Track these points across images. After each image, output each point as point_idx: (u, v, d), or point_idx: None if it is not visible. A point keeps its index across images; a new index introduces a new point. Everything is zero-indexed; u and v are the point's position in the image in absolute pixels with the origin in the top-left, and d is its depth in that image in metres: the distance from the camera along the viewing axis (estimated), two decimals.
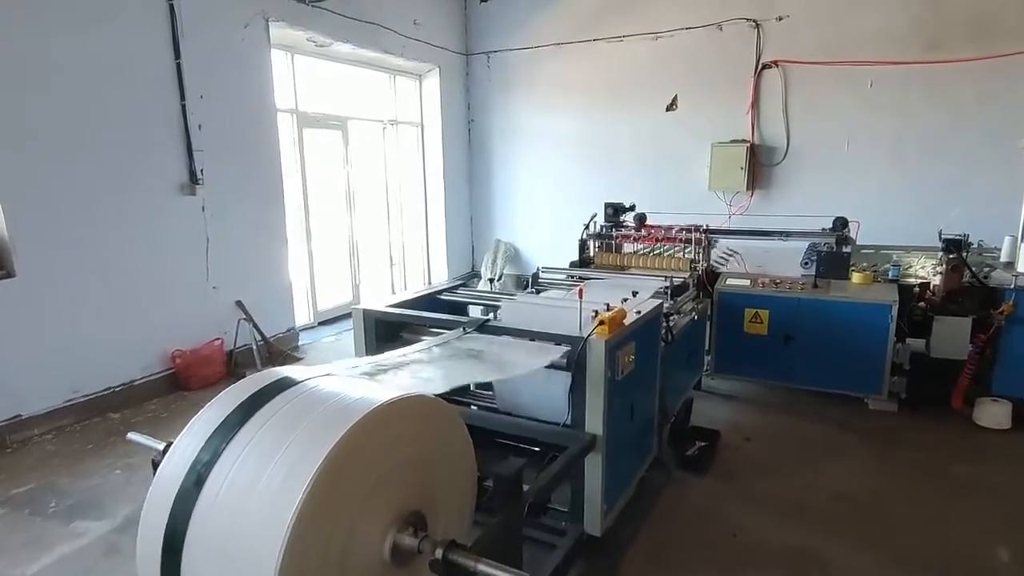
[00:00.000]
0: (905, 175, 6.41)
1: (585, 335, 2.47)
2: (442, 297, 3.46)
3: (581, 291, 2.76)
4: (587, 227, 5.27)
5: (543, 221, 8.42)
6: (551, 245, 7.64)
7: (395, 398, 1.68)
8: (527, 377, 2.63)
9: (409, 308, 3.18)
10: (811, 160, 6.83)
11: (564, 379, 2.58)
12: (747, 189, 7.01)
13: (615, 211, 5.62)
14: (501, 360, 2.59)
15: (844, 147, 6.65)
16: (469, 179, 9.00)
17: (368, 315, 3.06)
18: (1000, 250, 4.71)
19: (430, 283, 8.89)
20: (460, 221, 8.97)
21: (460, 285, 3.65)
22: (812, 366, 4.33)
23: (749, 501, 3.23)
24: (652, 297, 3.96)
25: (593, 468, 2.52)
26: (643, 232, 5.12)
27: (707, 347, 4.64)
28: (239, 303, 5.43)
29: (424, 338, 2.94)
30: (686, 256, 4.86)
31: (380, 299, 3.28)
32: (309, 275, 6.80)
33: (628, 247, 5.32)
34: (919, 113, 6.28)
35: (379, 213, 8.05)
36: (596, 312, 2.85)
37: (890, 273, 4.27)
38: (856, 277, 4.30)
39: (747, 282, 4.53)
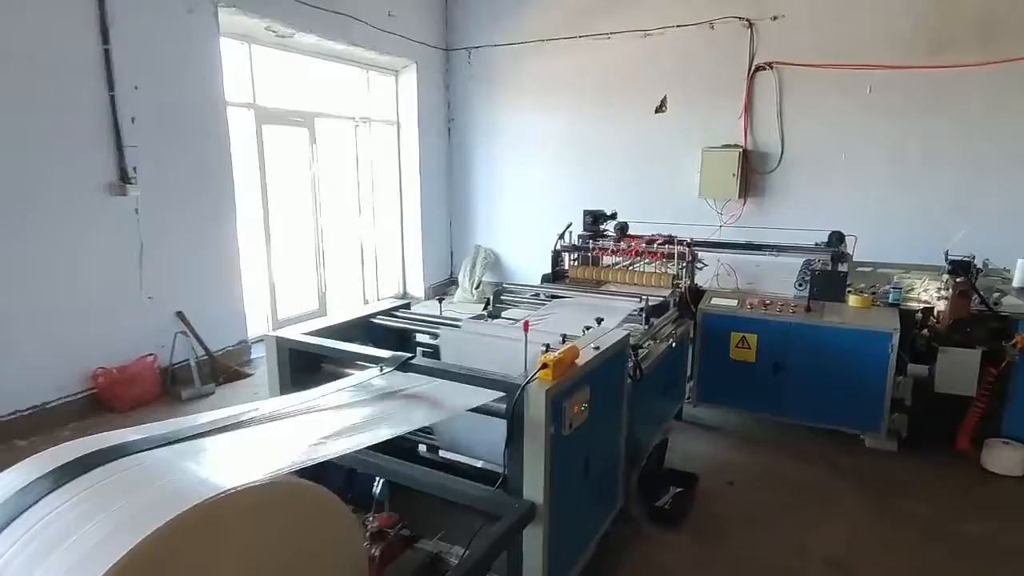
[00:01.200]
0: (906, 187, 6.00)
1: (524, 380, 2.03)
2: (377, 321, 3.00)
3: (527, 324, 2.32)
4: (561, 237, 4.82)
5: (526, 227, 7.96)
6: (534, 252, 7.19)
7: (238, 487, 1.25)
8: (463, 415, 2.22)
9: (334, 336, 2.73)
10: (806, 169, 6.40)
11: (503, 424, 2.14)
12: (739, 197, 6.59)
13: (594, 219, 5.19)
14: (435, 398, 2.15)
15: (841, 156, 6.23)
16: (448, 181, 8.56)
17: (282, 344, 2.60)
18: (1010, 271, 4.30)
19: (404, 291, 8.43)
20: (438, 225, 8.52)
21: (401, 307, 3.20)
22: (804, 398, 3.90)
23: (729, 566, 2.78)
24: (624, 321, 3.54)
25: (532, 542, 2.07)
26: (623, 244, 4.67)
27: (689, 373, 4.20)
28: (180, 314, 4.96)
29: (352, 371, 2.51)
30: (669, 271, 4.42)
31: (305, 324, 2.82)
32: (269, 282, 6.33)
33: (608, 259, 4.90)
34: (921, 121, 5.87)
35: (351, 216, 7.59)
36: (546, 346, 2.41)
37: (890, 296, 3.84)
38: (853, 300, 3.86)
39: (734, 302, 4.09)
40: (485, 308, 4.06)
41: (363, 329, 2.94)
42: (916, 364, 3.69)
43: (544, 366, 2.04)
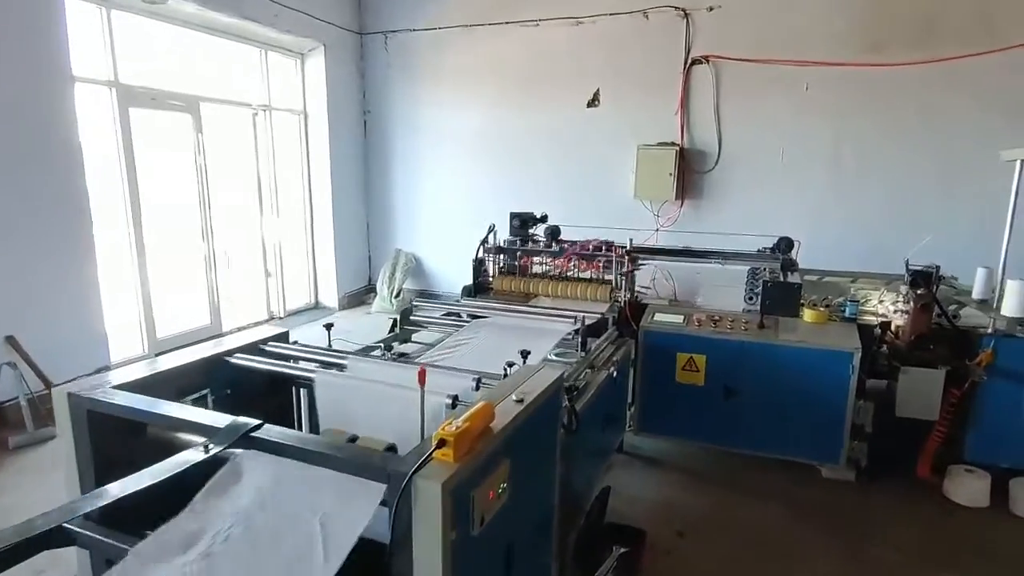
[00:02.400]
0: (843, 190, 5.79)
1: (412, 465, 1.38)
2: (234, 361, 2.26)
3: (423, 374, 1.68)
4: (484, 243, 4.20)
5: (449, 230, 7.28)
6: (458, 257, 6.54)
7: None
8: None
9: (169, 384, 1.99)
10: (745, 169, 6.10)
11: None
12: (676, 199, 6.21)
13: (522, 223, 4.60)
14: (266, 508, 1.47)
15: (779, 156, 5.96)
16: (365, 179, 7.75)
17: (77, 406, 1.82)
18: (958, 280, 4.06)
19: (316, 300, 7.56)
20: (354, 227, 7.70)
21: (272, 338, 2.46)
22: (758, 426, 3.46)
23: None
24: (557, 348, 2.97)
25: None
26: (555, 248, 4.10)
27: (631, 398, 3.69)
28: (10, 340, 3.97)
29: (193, 436, 1.77)
30: (606, 281, 3.89)
31: (129, 368, 2.05)
32: (142, 295, 5.33)
33: (538, 267, 4.32)
34: (857, 122, 5.67)
35: (251, 216, 6.66)
36: (453, 399, 1.79)
37: (847, 310, 3.47)
38: (809, 315, 3.47)
39: (679, 319, 3.61)
40: (392, 330, 3.38)
41: (204, 373, 2.19)
42: (874, 378, 3.34)
43: (442, 443, 1.41)
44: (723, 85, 6.02)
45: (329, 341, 2.67)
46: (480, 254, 4.19)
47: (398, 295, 7.35)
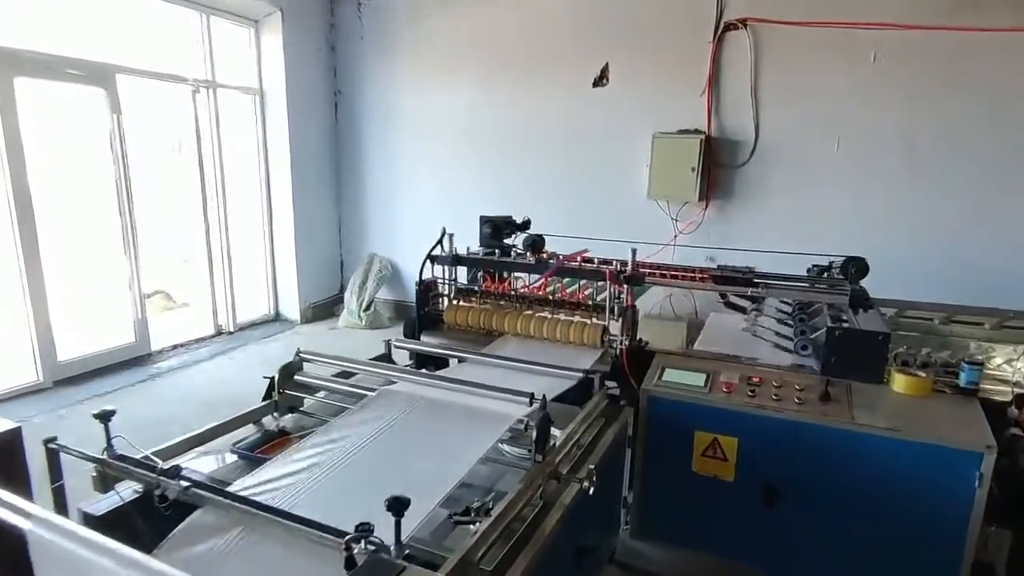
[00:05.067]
0: (919, 191, 4.52)
1: None
2: None
3: None
4: (432, 260, 3.08)
5: (431, 233, 6.15)
6: None
7: None
8: None
9: None
10: (788, 163, 4.87)
11: None
12: (699, 199, 5.00)
13: (495, 230, 3.49)
14: None
15: (834, 145, 4.71)
16: (336, 172, 6.69)
17: None
18: None
19: (277, 311, 6.53)
20: (322, 228, 6.65)
21: None
22: (814, 549, 2.30)
23: None
24: (500, 444, 1.84)
25: None
26: (529, 259, 2.96)
27: (628, 485, 2.55)
28: None
29: None
30: (596, 319, 2.74)
31: None
32: (30, 311, 4.34)
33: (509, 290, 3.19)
34: (939, 102, 4.40)
35: (194, 214, 5.66)
36: None
37: (962, 376, 2.28)
38: (901, 382, 2.28)
39: (700, 378, 2.45)
40: (268, 395, 2.26)
41: None
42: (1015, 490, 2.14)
43: None
44: (763, 56, 4.79)
45: (108, 438, 1.57)
46: (427, 276, 3.07)
47: (368, 308, 6.28)
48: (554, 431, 1.90)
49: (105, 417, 1.48)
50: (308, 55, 6.11)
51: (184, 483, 1.30)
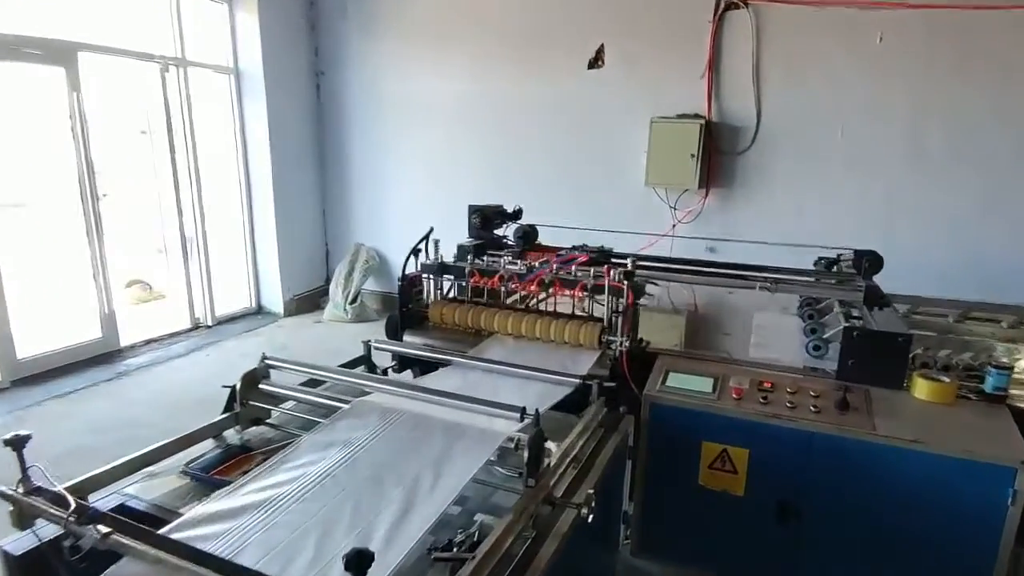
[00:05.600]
0: (927, 181, 4.34)
1: None
2: None
3: None
4: (417, 254, 2.85)
5: (420, 222, 5.89)
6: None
7: None
8: None
9: None
10: (791, 149, 4.67)
11: None
12: (699, 187, 4.79)
13: (485, 221, 3.29)
14: None
15: (838, 132, 4.52)
16: (320, 157, 6.40)
17: None
18: None
19: (259, 304, 6.27)
20: (306, 216, 6.37)
21: None
22: (832, 570, 2.12)
23: None
24: (488, 466, 1.63)
25: None
26: (519, 266, 2.73)
27: (628, 497, 2.36)
28: None
29: None
30: (595, 318, 2.53)
31: None
32: None
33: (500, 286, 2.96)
34: (950, 86, 4.21)
35: (166, 201, 5.37)
36: None
37: (988, 382, 2.10)
38: (923, 388, 2.10)
39: (707, 383, 2.25)
40: (228, 406, 2.03)
41: None
42: None
43: None
44: (766, 36, 4.57)
45: (23, 468, 1.33)
46: (413, 270, 2.84)
47: (354, 300, 6.04)
48: (549, 445, 1.71)
49: (18, 444, 1.24)
50: (287, 33, 5.80)
51: (100, 531, 1.07)
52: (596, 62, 5.15)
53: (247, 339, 5.51)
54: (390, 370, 2.61)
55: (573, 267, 2.57)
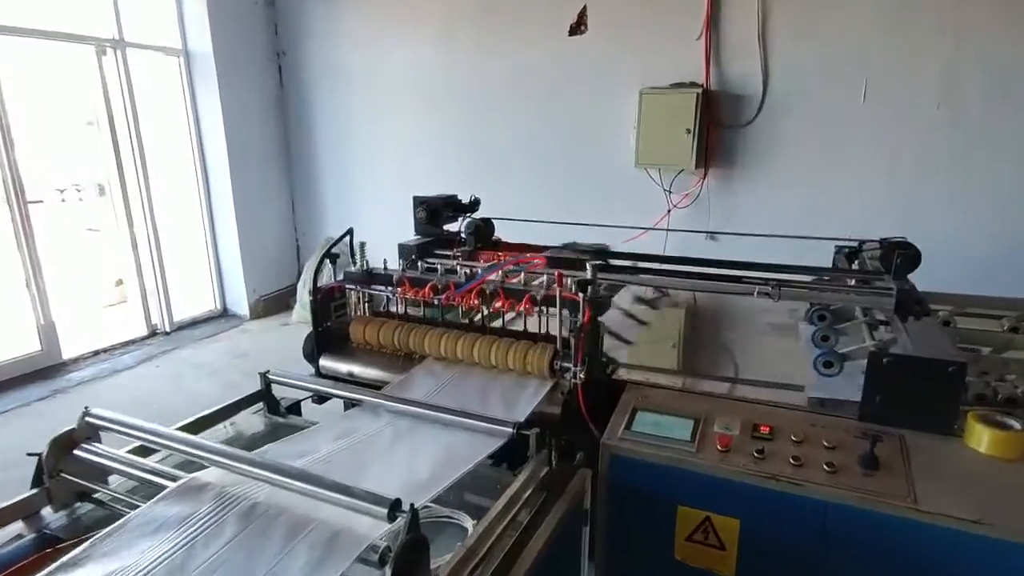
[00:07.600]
0: (965, 152, 3.70)
1: None
2: None
3: None
4: (334, 260, 2.33)
5: (392, 212, 5.39)
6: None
7: None
8: None
9: None
10: (802, 119, 4.04)
11: None
12: (697, 166, 4.19)
13: (432, 214, 2.79)
14: None
15: (860, 95, 3.88)
16: (285, 145, 5.89)
17: None
18: None
19: (224, 305, 5.82)
20: (272, 210, 5.89)
21: None
22: None
23: None
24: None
25: None
26: (459, 274, 2.20)
27: (585, 564, 1.83)
28: None
29: None
30: (550, 335, 1.98)
31: None
32: None
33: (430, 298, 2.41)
34: (991, 39, 3.54)
35: (112, 198, 4.92)
36: None
37: None
38: (986, 437, 1.52)
39: (686, 427, 1.70)
40: (39, 480, 1.54)
41: None
42: None
43: None
44: None
45: None
46: (323, 279, 2.33)
47: None
48: (466, 524, 1.21)
49: None
50: (240, 9, 5.26)
51: None
52: (578, 27, 4.54)
53: (205, 346, 5.07)
54: (310, 400, 2.10)
55: (522, 274, 2.05)
